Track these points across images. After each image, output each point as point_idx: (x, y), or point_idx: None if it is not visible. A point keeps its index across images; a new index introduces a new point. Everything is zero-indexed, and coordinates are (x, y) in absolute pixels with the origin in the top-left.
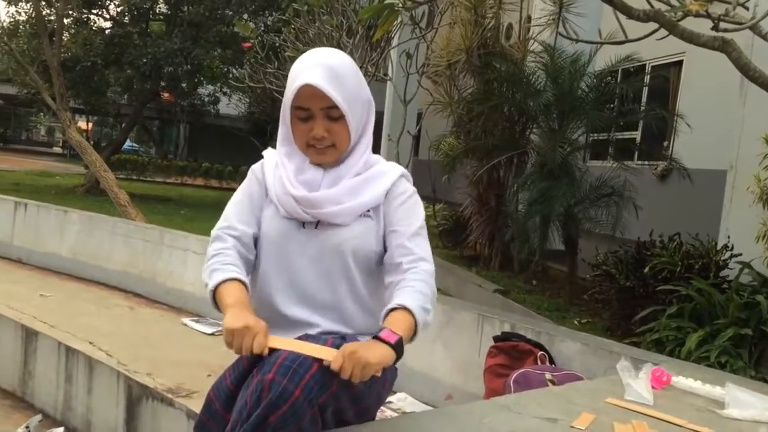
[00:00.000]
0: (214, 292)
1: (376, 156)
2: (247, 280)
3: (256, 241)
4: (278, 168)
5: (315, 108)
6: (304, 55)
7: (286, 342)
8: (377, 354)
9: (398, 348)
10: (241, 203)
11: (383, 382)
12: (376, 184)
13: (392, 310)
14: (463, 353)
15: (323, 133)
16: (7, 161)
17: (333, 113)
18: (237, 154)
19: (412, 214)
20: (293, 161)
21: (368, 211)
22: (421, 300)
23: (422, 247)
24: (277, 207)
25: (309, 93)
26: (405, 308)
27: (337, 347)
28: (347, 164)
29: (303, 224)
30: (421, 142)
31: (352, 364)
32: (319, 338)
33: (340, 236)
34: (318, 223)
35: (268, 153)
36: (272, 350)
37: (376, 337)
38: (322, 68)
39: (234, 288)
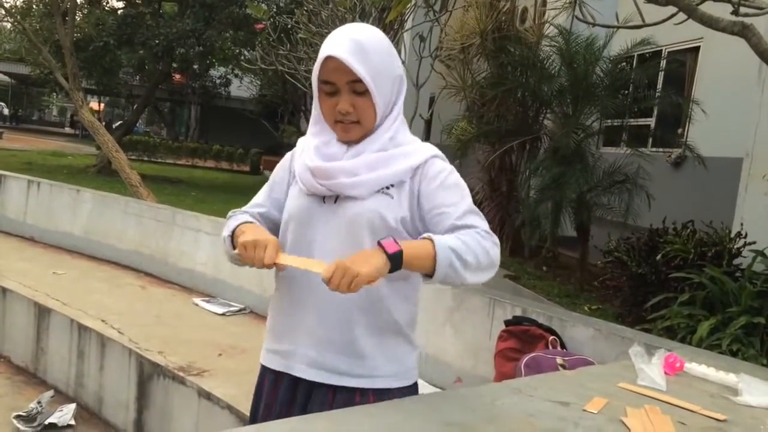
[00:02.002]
0: (232, 237)
1: (412, 136)
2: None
3: (270, 219)
4: (306, 149)
5: (340, 82)
6: (335, 30)
7: (291, 259)
8: (370, 266)
9: (395, 260)
10: (261, 191)
11: None
12: (401, 161)
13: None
14: (474, 337)
15: (348, 108)
16: (20, 141)
17: (358, 87)
18: (248, 136)
19: (457, 193)
20: (320, 138)
21: (388, 188)
22: (455, 243)
23: (478, 222)
24: (300, 185)
25: (333, 66)
26: (429, 239)
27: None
28: (370, 139)
29: (323, 200)
30: (433, 126)
31: (341, 276)
32: None
33: (355, 210)
34: (337, 198)
35: (301, 140)
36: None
37: (378, 244)
38: (347, 41)
39: (249, 224)
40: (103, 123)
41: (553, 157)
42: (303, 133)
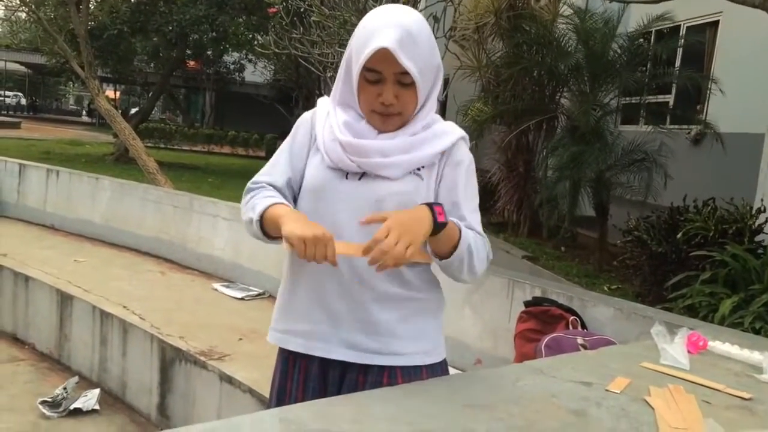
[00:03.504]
0: (261, 220)
1: (435, 115)
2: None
3: (293, 187)
4: (329, 117)
5: (387, 72)
6: (378, 12)
7: (345, 247)
8: (421, 234)
9: (438, 230)
10: (278, 158)
11: None
12: (434, 143)
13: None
14: (493, 318)
15: (392, 100)
16: (38, 130)
17: (405, 79)
18: (263, 121)
19: (472, 186)
20: (347, 114)
21: (419, 169)
22: (473, 241)
23: (479, 225)
24: (323, 156)
25: (382, 56)
26: (456, 225)
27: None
28: (404, 129)
29: (347, 175)
30: (448, 107)
31: (379, 254)
32: None
33: (385, 189)
34: (363, 175)
35: (322, 100)
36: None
37: (430, 209)
38: (399, 31)
39: (284, 206)
40: (119, 111)
41: (570, 136)
42: None
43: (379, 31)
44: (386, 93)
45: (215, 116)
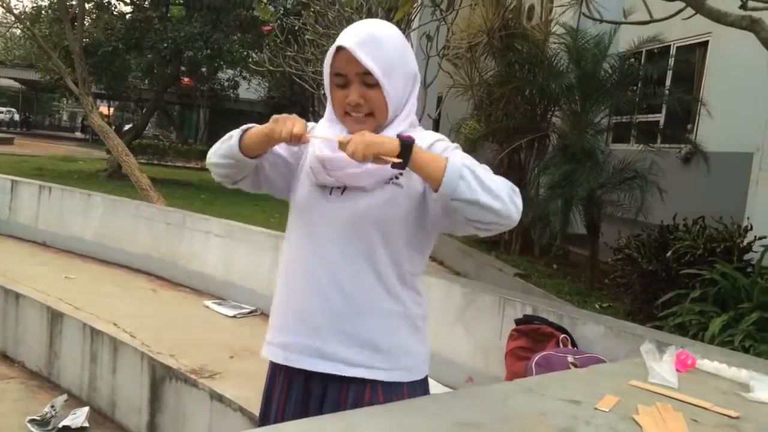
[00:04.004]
0: (244, 134)
1: (419, 128)
2: None
3: (277, 161)
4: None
5: (351, 73)
6: (352, 25)
7: (318, 134)
8: (387, 141)
9: (406, 147)
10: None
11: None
12: None
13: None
14: (484, 336)
15: (358, 99)
16: (31, 146)
17: (369, 80)
18: None
19: (469, 158)
20: (331, 131)
21: (397, 177)
22: (469, 161)
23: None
24: (308, 174)
25: (344, 58)
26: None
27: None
28: (384, 134)
29: (330, 191)
30: (441, 125)
31: (360, 139)
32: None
33: (363, 202)
34: (344, 190)
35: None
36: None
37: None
38: (359, 33)
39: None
40: (113, 127)
41: (562, 155)
42: None
43: (342, 36)
44: (351, 93)
45: (209, 132)
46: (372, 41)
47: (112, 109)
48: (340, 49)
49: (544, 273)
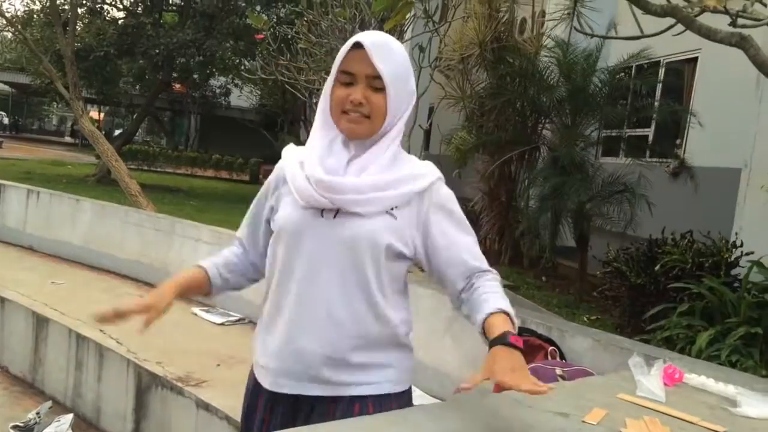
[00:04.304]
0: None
1: (409, 155)
2: (210, 267)
3: (258, 236)
4: (298, 156)
5: (360, 73)
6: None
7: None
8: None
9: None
10: (251, 208)
11: None
12: (410, 183)
13: (491, 314)
14: (473, 347)
15: (361, 99)
16: (20, 150)
17: (376, 83)
18: (248, 146)
19: (465, 228)
20: (323, 139)
21: (393, 209)
22: (509, 306)
23: (483, 259)
24: (295, 197)
25: (357, 57)
26: (504, 312)
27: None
28: (373, 152)
29: (322, 213)
30: (432, 136)
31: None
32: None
33: (358, 227)
34: (337, 213)
35: (288, 147)
36: None
37: (506, 344)
38: (376, 38)
39: (180, 275)
40: (103, 132)
41: (552, 167)
42: (302, 143)
43: (359, 36)
44: (356, 92)
45: (200, 139)
46: (387, 48)
47: (102, 114)
48: (356, 46)
49: (532, 285)
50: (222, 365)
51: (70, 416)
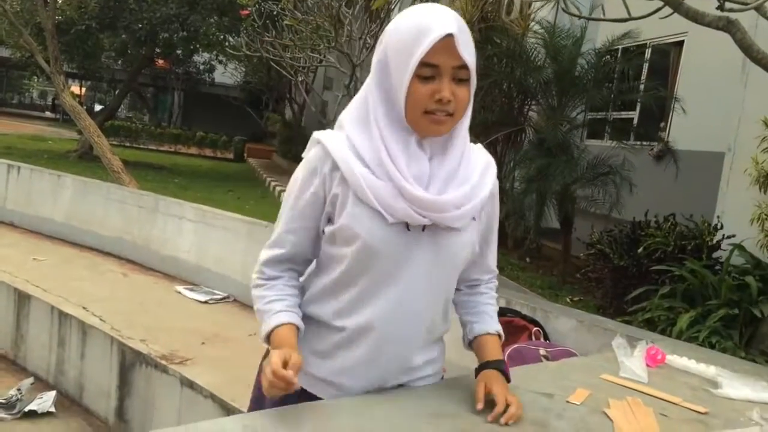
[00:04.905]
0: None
1: (476, 145)
2: (297, 321)
3: (311, 244)
4: (353, 154)
5: (446, 65)
6: (419, 9)
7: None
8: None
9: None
10: (289, 222)
11: None
12: (488, 184)
13: (489, 334)
14: (457, 328)
15: (450, 96)
16: None
17: (461, 74)
18: (232, 123)
19: (495, 230)
20: (398, 143)
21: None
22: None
23: (495, 261)
24: (375, 208)
25: (443, 46)
26: (499, 336)
27: None
28: (452, 146)
29: (407, 227)
30: None
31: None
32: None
33: (455, 242)
34: (424, 227)
35: (328, 138)
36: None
37: (502, 372)
38: (456, 21)
39: (283, 333)
40: (85, 107)
41: (538, 149)
42: (288, 122)
43: (435, 22)
44: (444, 89)
45: (183, 116)
46: (467, 31)
47: (84, 89)
48: (446, 36)
49: (517, 266)
50: (206, 343)
51: (53, 393)
